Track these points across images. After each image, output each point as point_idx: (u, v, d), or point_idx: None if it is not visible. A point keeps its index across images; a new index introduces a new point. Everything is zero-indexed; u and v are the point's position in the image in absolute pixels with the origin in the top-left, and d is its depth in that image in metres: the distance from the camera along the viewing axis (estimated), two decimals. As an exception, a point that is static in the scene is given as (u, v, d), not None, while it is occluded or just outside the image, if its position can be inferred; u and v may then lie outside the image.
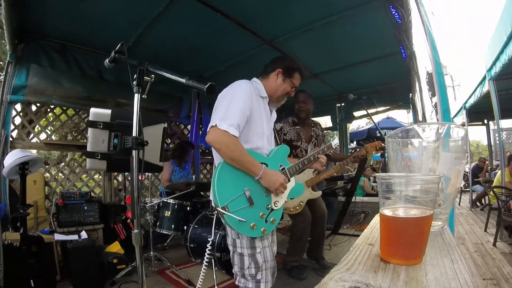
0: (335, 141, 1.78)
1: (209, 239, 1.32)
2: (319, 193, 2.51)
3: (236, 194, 1.18)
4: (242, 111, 1.21)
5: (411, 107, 4.08)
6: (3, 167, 2.05)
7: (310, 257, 2.70)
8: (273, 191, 1.28)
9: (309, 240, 2.69)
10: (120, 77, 3.36)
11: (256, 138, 1.31)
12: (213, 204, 1.24)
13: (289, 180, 1.38)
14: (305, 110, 2.51)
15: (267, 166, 1.28)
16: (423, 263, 0.56)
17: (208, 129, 1.20)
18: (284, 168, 1.39)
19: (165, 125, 1.47)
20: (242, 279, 1.27)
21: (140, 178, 1.04)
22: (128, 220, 3.20)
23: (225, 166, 1.19)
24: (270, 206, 1.29)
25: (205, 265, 1.29)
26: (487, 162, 7.54)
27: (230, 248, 1.30)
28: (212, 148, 1.24)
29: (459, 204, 6.39)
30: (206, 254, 1.30)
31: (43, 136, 3.79)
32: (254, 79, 1.44)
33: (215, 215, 1.23)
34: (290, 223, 4.06)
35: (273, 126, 1.49)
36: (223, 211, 1.13)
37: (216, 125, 1.15)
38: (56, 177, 3.66)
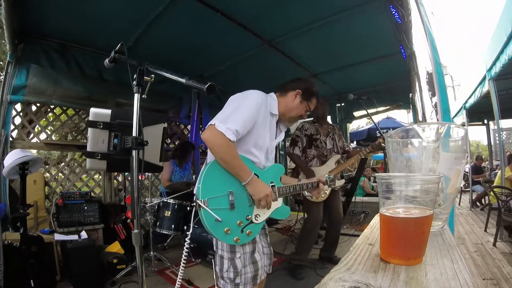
0: (331, 180, 1.68)
1: (187, 233, 1.25)
2: (342, 181, 2.60)
3: (220, 192, 1.17)
4: (245, 120, 1.18)
5: (411, 107, 4.08)
6: (3, 167, 2.05)
7: (323, 258, 2.79)
8: (256, 201, 1.23)
9: (323, 242, 2.84)
10: (120, 77, 3.36)
11: (254, 150, 1.28)
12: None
13: (276, 199, 1.32)
14: (321, 109, 2.68)
15: (258, 177, 1.25)
16: (423, 263, 0.56)
17: (206, 126, 1.18)
18: (274, 186, 1.35)
19: (165, 125, 1.47)
20: (222, 281, 1.27)
21: (140, 178, 1.04)
22: (128, 220, 3.19)
23: (216, 164, 1.19)
24: (250, 217, 1.24)
25: (184, 255, 1.23)
26: (486, 161, 7.53)
27: (214, 248, 1.30)
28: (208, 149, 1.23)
29: (459, 204, 6.39)
30: (185, 245, 1.25)
31: (43, 136, 3.79)
32: (271, 94, 1.40)
33: (194, 207, 1.19)
34: (291, 223, 4.11)
35: (275, 145, 1.45)
36: (202, 204, 1.11)
37: (214, 124, 1.14)
38: (56, 177, 3.66)
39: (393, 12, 2.34)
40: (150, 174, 3.16)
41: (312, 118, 2.76)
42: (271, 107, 1.34)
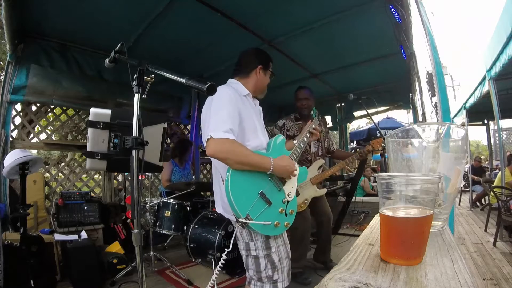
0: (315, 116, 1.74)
1: (226, 250, 1.23)
2: (324, 190, 2.48)
3: (253, 199, 1.17)
4: (231, 115, 1.19)
5: (411, 107, 4.09)
6: (3, 167, 2.05)
7: (317, 261, 2.65)
8: (286, 177, 1.29)
9: (315, 245, 2.67)
10: (120, 77, 3.36)
11: (252, 136, 1.30)
12: (230, 218, 1.24)
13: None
14: (307, 106, 2.50)
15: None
16: (423, 263, 0.56)
17: (205, 144, 1.17)
18: None
19: (165, 125, 1.47)
20: (259, 283, 1.26)
21: (140, 178, 1.04)
22: (128, 220, 3.20)
23: (233, 176, 1.16)
24: (285, 199, 1.29)
25: (217, 272, 1.22)
26: (486, 161, 7.53)
27: (243, 252, 1.28)
28: (213, 160, 1.22)
29: (459, 204, 6.39)
30: (220, 262, 1.24)
31: (43, 136, 3.79)
32: (230, 80, 1.43)
33: (237, 227, 1.22)
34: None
35: (263, 119, 1.48)
36: (247, 221, 1.12)
37: (211, 136, 1.13)
38: (56, 177, 3.66)
39: (393, 12, 2.34)
40: (150, 174, 3.16)
41: (296, 114, 2.57)
42: (240, 91, 1.35)
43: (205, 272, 2.52)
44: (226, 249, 1.24)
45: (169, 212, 2.67)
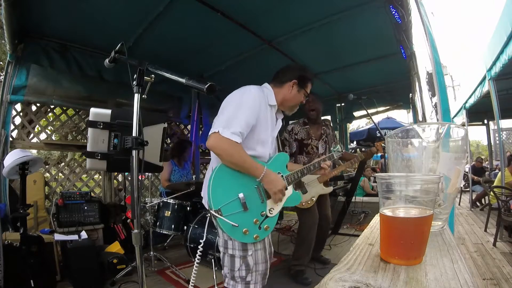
0: (338, 152, 1.66)
1: (201, 241, 1.30)
2: (330, 188, 2.53)
3: (230, 198, 1.17)
4: (247, 120, 1.19)
5: (411, 107, 4.08)
6: (3, 167, 2.05)
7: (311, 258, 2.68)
8: (271, 195, 1.27)
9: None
10: (120, 77, 3.36)
11: (258, 146, 1.29)
12: (206, 206, 1.23)
13: (286, 188, 1.35)
14: (315, 110, 2.57)
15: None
16: (423, 263, 0.56)
17: (209, 134, 1.17)
18: (282, 176, 1.37)
19: (165, 125, 1.46)
20: (232, 281, 1.26)
21: (140, 178, 1.04)
22: (128, 220, 3.20)
23: (222, 169, 1.18)
24: (264, 213, 1.27)
25: (196, 263, 1.26)
26: (486, 162, 7.53)
27: (221, 249, 1.28)
28: (211, 152, 1.23)
29: (459, 204, 6.39)
30: (197, 252, 1.28)
31: (43, 136, 3.79)
32: (265, 84, 1.41)
33: (209, 216, 1.22)
34: (291, 223, 4.10)
35: (277, 134, 1.46)
36: (216, 214, 1.13)
37: (218, 131, 1.13)
38: (56, 177, 3.66)
39: (393, 12, 2.35)
40: (150, 174, 3.16)
41: (304, 118, 2.64)
42: (269, 99, 1.34)
43: (205, 272, 2.52)
44: (201, 240, 1.27)
45: (169, 212, 2.67)
